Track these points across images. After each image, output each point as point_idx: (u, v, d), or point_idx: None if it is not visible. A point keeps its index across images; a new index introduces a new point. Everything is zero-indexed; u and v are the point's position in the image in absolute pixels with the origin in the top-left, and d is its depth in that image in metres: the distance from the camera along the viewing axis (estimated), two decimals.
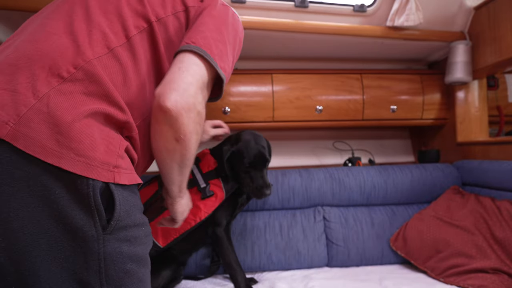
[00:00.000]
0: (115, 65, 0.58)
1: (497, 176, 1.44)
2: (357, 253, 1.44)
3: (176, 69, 0.60)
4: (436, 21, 1.65)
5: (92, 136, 0.51)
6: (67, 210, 0.46)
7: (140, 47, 0.63)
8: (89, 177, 0.48)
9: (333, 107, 1.77)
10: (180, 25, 0.68)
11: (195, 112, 0.60)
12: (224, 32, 0.68)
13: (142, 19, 0.64)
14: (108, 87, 0.55)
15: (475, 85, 1.80)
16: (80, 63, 0.54)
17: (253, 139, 1.19)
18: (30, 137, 0.46)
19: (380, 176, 1.59)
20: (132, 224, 0.53)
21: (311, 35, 1.56)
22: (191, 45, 0.62)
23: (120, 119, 0.57)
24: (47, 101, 0.49)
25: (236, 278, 1.19)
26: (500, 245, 1.23)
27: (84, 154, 0.49)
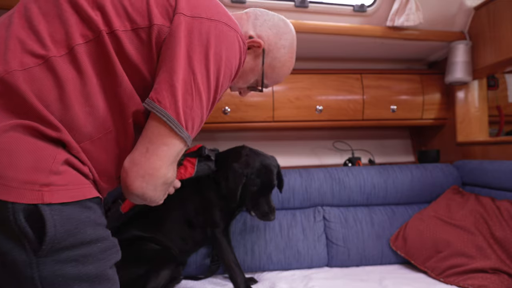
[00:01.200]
0: (48, 79, 0.50)
1: (497, 176, 1.44)
2: (357, 253, 1.45)
3: (144, 149, 0.57)
4: (436, 21, 1.65)
5: (13, 152, 0.44)
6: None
7: (86, 60, 0.53)
8: (7, 201, 0.42)
9: (333, 107, 1.77)
10: (142, 44, 0.56)
11: (162, 185, 0.60)
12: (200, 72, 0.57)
13: (90, 28, 0.54)
14: (34, 104, 0.48)
15: (475, 85, 1.80)
16: (0, 73, 0.47)
17: (263, 166, 1.19)
18: None
19: (380, 176, 1.59)
20: (78, 243, 0.48)
21: (311, 35, 1.56)
22: (158, 106, 0.56)
23: (53, 136, 0.49)
24: None
25: (235, 278, 1.20)
26: (500, 245, 1.23)
27: (0, 175, 0.43)
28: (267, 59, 0.77)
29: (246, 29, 0.76)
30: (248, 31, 0.75)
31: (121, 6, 0.56)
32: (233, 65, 0.61)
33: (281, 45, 0.78)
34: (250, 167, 1.17)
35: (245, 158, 1.20)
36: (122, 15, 0.55)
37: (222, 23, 0.59)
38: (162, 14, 0.56)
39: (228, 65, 0.60)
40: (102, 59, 0.54)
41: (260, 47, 0.75)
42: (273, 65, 0.79)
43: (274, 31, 0.77)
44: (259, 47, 0.75)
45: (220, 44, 0.58)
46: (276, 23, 0.78)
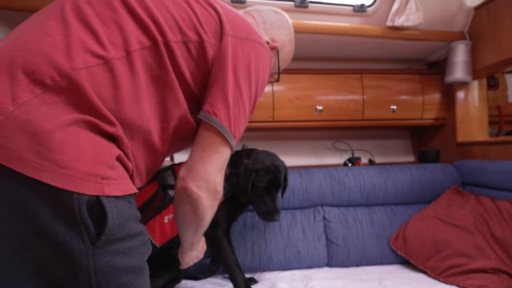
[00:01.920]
0: (106, 78, 0.54)
1: (497, 176, 1.44)
2: (357, 253, 1.44)
3: (198, 158, 0.66)
4: (436, 21, 1.65)
5: (77, 145, 0.47)
6: (50, 225, 0.43)
7: (141, 65, 0.58)
8: (73, 191, 0.45)
9: (333, 107, 1.77)
10: (191, 56, 0.62)
11: (213, 193, 0.68)
12: (244, 87, 0.66)
13: (147, 36, 0.58)
14: (94, 101, 0.51)
15: (475, 85, 1.80)
16: (67, 70, 0.50)
17: (272, 164, 1.21)
18: (6, 148, 0.43)
19: (380, 176, 1.59)
20: (126, 236, 0.50)
21: (311, 35, 1.56)
22: (214, 118, 0.64)
23: (109, 131, 0.53)
24: (27, 109, 0.45)
25: (235, 279, 1.20)
26: (500, 245, 1.23)
27: (67, 166, 0.45)
28: (280, 55, 0.88)
29: (261, 35, 0.83)
30: (263, 37, 0.82)
31: (173, 19, 0.61)
32: (266, 77, 0.71)
33: (288, 40, 0.90)
34: (260, 163, 1.20)
35: (255, 155, 1.23)
36: (174, 28, 0.60)
37: (258, 42, 0.68)
38: (211, 32, 0.63)
39: (263, 78, 0.70)
40: (156, 66, 0.59)
41: (275, 48, 0.86)
42: (282, 58, 0.91)
43: (282, 30, 0.87)
44: (275, 49, 0.87)
45: (258, 61, 0.67)
46: (280, 22, 0.88)
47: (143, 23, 0.58)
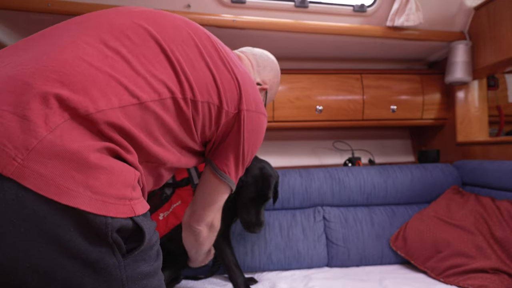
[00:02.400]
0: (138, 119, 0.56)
1: (497, 176, 1.44)
2: (357, 253, 1.44)
3: (201, 206, 0.83)
4: (436, 21, 1.65)
5: (107, 170, 0.48)
6: (84, 246, 0.44)
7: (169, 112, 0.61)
8: (107, 215, 0.46)
9: (333, 107, 1.77)
10: (210, 115, 0.68)
11: (211, 228, 0.88)
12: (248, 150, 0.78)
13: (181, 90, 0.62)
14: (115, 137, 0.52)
15: (475, 85, 1.80)
16: (102, 107, 0.50)
17: (261, 175, 1.17)
18: (41, 174, 0.42)
19: (380, 176, 1.59)
20: (149, 247, 0.54)
21: (311, 35, 1.56)
22: (228, 177, 0.78)
23: (129, 160, 0.55)
24: (61, 133, 0.45)
25: (235, 280, 1.20)
26: (500, 245, 1.23)
27: (100, 192, 0.46)
28: (268, 94, 1.00)
29: (254, 77, 0.94)
30: (255, 79, 0.94)
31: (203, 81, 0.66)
32: (262, 139, 0.83)
33: (276, 81, 1.02)
34: (248, 173, 1.15)
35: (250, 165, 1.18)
36: (202, 89, 0.65)
37: (262, 114, 0.79)
38: (231, 101, 0.70)
39: (260, 140, 0.83)
40: (182, 116, 0.63)
41: (265, 89, 0.97)
42: (269, 96, 1.02)
43: (272, 73, 0.99)
44: (265, 89, 0.97)
45: (259, 130, 0.80)
46: (271, 66, 0.99)
47: (178, 76, 0.62)
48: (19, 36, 1.42)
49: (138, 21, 0.62)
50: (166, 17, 0.67)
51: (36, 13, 1.26)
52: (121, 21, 0.61)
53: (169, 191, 1.13)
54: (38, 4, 1.23)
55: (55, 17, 1.29)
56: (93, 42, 0.55)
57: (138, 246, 0.50)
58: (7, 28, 1.37)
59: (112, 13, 0.64)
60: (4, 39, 1.37)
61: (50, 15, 1.28)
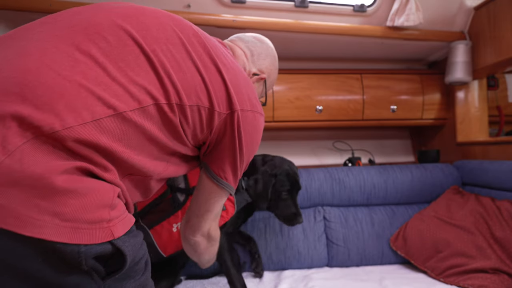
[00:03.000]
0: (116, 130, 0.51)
1: (497, 176, 1.44)
2: (357, 253, 1.45)
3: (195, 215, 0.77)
4: (436, 21, 1.65)
5: (78, 193, 0.43)
6: (55, 277, 0.41)
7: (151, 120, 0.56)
8: (80, 244, 0.42)
9: (333, 107, 1.77)
10: (200, 118, 0.63)
11: (208, 237, 0.82)
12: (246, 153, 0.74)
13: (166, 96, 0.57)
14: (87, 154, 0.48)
15: (475, 85, 1.80)
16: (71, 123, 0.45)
17: (290, 168, 1.24)
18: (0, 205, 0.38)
19: (380, 176, 1.59)
20: (134, 264, 0.50)
21: (311, 35, 1.56)
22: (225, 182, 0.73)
23: (105, 176, 0.50)
24: (21, 157, 0.40)
25: (234, 284, 1.15)
26: (500, 245, 1.23)
27: (71, 218, 0.41)
28: (267, 82, 0.93)
29: (249, 68, 0.87)
30: (251, 69, 0.88)
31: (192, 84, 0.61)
32: (259, 139, 0.79)
33: (274, 68, 0.94)
34: (278, 168, 1.21)
35: (271, 161, 1.24)
36: (190, 92, 0.60)
37: (258, 113, 0.73)
38: (222, 102, 0.65)
39: (257, 141, 0.78)
40: (168, 123, 0.58)
41: (264, 79, 0.90)
42: (269, 84, 0.96)
43: (268, 60, 0.91)
44: (263, 79, 0.90)
45: (256, 130, 0.74)
46: (266, 51, 0.91)
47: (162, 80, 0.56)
48: None
49: (117, 19, 0.56)
50: (149, 13, 0.61)
51: (38, 13, 1.26)
52: (98, 20, 0.55)
53: (182, 198, 1.06)
54: (40, 4, 1.23)
55: None
56: (63, 46, 0.50)
57: (120, 268, 0.47)
58: (7, 28, 1.37)
59: (91, 10, 0.58)
60: None
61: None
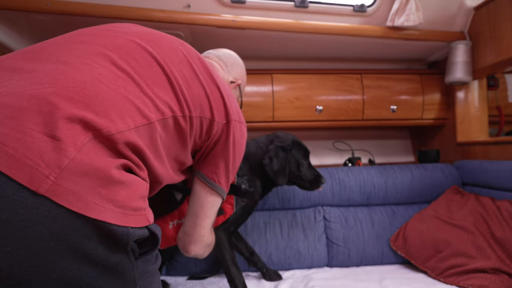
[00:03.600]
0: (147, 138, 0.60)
1: (497, 176, 1.44)
2: (357, 253, 1.45)
3: (192, 224, 0.84)
4: (436, 21, 1.65)
5: (126, 185, 0.52)
6: (105, 254, 0.48)
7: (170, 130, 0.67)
8: (128, 226, 0.50)
9: (333, 107, 1.77)
10: (201, 127, 0.74)
11: (206, 245, 0.88)
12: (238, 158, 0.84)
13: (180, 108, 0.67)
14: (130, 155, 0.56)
15: (475, 85, 1.80)
16: (121, 128, 0.54)
17: (294, 137, 1.29)
18: (72, 192, 0.45)
19: (380, 176, 1.59)
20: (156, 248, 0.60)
21: (311, 35, 1.56)
22: (218, 186, 0.81)
23: (140, 174, 0.59)
24: (87, 152, 0.48)
25: (235, 283, 1.13)
26: (500, 245, 1.23)
27: (122, 205, 0.50)
28: (241, 87, 1.09)
29: (227, 77, 1.03)
30: (228, 78, 1.04)
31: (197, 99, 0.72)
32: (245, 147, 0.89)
33: (244, 74, 1.10)
34: (287, 141, 1.24)
35: (278, 138, 1.26)
36: (196, 105, 0.72)
37: (243, 124, 0.86)
38: (220, 113, 0.78)
39: (244, 150, 0.89)
40: (180, 133, 0.69)
41: (239, 85, 1.07)
42: (242, 88, 1.11)
43: (239, 68, 1.08)
44: (238, 85, 1.07)
45: (243, 138, 0.87)
46: (236, 61, 1.08)
47: (178, 96, 0.67)
48: (19, 36, 1.42)
49: (141, 42, 0.66)
50: (163, 39, 0.73)
51: (36, 13, 1.26)
52: (123, 42, 0.65)
53: (179, 197, 1.07)
54: (38, 4, 1.23)
55: (55, 17, 1.29)
56: (104, 63, 0.59)
57: (151, 249, 0.55)
58: (7, 28, 1.37)
59: (113, 32, 0.67)
60: (4, 39, 1.37)
61: (50, 15, 1.28)
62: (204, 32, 1.50)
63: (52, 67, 0.54)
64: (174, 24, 1.40)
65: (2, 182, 0.42)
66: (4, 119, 0.45)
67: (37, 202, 0.43)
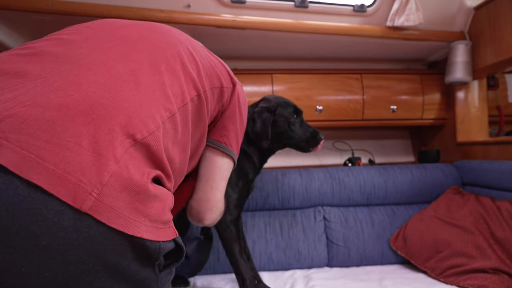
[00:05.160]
0: (171, 130, 0.57)
1: (497, 176, 1.44)
2: (357, 253, 1.45)
3: (209, 188, 0.80)
4: (436, 21, 1.65)
5: (159, 199, 0.50)
6: (136, 269, 0.47)
7: (190, 115, 0.64)
8: (159, 240, 0.48)
9: (333, 107, 1.77)
10: (213, 97, 0.73)
11: (220, 213, 0.85)
12: (244, 119, 0.84)
13: (194, 88, 0.65)
14: (163, 159, 0.54)
15: (475, 85, 1.80)
16: (152, 128, 0.51)
17: (283, 99, 1.21)
18: (113, 208, 0.43)
19: (380, 176, 1.59)
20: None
21: (311, 35, 1.56)
22: (229, 149, 0.80)
23: (168, 187, 0.57)
24: (126, 164, 0.46)
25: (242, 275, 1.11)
26: (500, 245, 1.23)
27: (155, 219, 0.48)
28: None
29: None
30: None
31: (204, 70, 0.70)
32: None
33: None
34: (273, 102, 1.17)
35: (265, 99, 1.21)
36: (206, 77, 0.70)
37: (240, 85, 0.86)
38: (226, 79, 0.77)
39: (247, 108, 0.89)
40: (197, 114, 0.67)
41: None
42: None
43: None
44: None
45: (246, 99, 0.88)
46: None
47: (191, 75, 0.65)
48: (19, 36, 1.42)
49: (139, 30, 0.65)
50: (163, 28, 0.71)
51: (36, 13, 1.27)
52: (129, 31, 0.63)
53: None
54: (38, 4, 1.23)
55: (55, 17, 1.29)
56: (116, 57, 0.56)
57: (175, 261, 0.54)
58: (7, 28, 1.37)
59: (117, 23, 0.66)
60: (4, 39, 1.37)
61: (50, 15, 1.28)
62: (204, 32, 1.50)
63: (74, 73, 0.51)
64: (174, 24, 1.40)
65: (41, 203, 0.39)
66: (37, 132, 0.41)
67: (77, 223, 0.41)
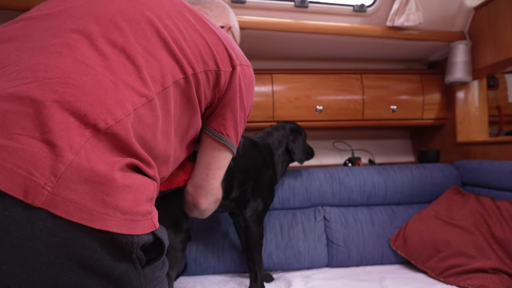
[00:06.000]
0: (149, 117, 0.53)
1: (497, 176, 1.44)
2: (357, 253, 1.45)
3: (204, 175, 0.78)
4: (436, 21, 1.65)
5: (133, 188, 0.47)
6: (109, 264, 0.44)
7: (172, 99, 0.58)
8: (134, 234, 0.45)
9: (333, 107, 1.77)
10: (208, 82, 0.66)
11: (217, 201, 0.84)
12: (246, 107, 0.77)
13: (180, 69, 0.59)
14: (135, 147, 0.50)
15: (475, 85, 1.80)
16: (119, 115, 0.47)
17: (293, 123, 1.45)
18: (72, 201, 0.40)
19: (380, 176, 1.59)
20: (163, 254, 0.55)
21: (311, 35, 1.56)
22: (227, 139, 0.75)
23: (150, 174, 0.53)
24: (86, 155, 0.42)
25: (256, 273, 1.17)
26: (500, 245, 1.23)
27: (128, 211, 0.45)
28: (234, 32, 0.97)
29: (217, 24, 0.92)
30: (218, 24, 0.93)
31: (197, 50, 0.63)
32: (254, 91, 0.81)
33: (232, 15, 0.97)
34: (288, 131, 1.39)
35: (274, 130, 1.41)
36: (198, 59, 0.63)
37: (249, 66, 0.77)
38: (224, 62, 0.68)
39: (253, 94, 0.80)
40: (185, 97, 0.61)
41: (230, 28, 0.94)
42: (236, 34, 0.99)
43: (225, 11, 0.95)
44: (230, 29, 0.95)
45: (251, 83, 0.78)
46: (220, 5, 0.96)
47: (176, 55, 0.58)
48: None
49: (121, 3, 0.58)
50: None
51: None
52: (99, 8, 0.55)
53: None
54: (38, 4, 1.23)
55: None
56: (84, 39, 0.50)
57: (157, 257, 0.51)
58: None
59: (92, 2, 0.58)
60: None
61: None
62: None
63: (27, 56, 0.47)
64: None
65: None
66: None
67: (32, 216, 0.39)
